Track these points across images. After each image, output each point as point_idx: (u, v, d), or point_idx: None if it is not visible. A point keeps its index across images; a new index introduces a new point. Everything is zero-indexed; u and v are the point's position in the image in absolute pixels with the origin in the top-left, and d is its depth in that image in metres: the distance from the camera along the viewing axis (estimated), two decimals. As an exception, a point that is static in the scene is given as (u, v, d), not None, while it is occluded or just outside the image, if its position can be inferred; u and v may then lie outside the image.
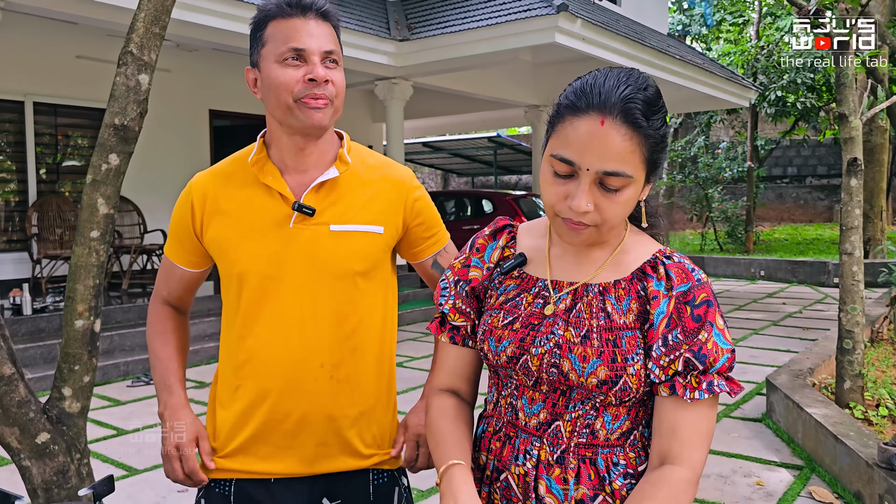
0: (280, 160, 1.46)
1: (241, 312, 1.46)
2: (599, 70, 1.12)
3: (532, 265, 1.25)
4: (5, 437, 2.64)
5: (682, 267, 1.14)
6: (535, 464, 1.17)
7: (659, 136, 1.09)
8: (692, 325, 1.10)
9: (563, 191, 1.10)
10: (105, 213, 2.68)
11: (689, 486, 1.09)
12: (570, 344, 1.14)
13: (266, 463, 1.46)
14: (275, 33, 1.39)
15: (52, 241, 8.09)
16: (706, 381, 1.09)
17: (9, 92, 7.96)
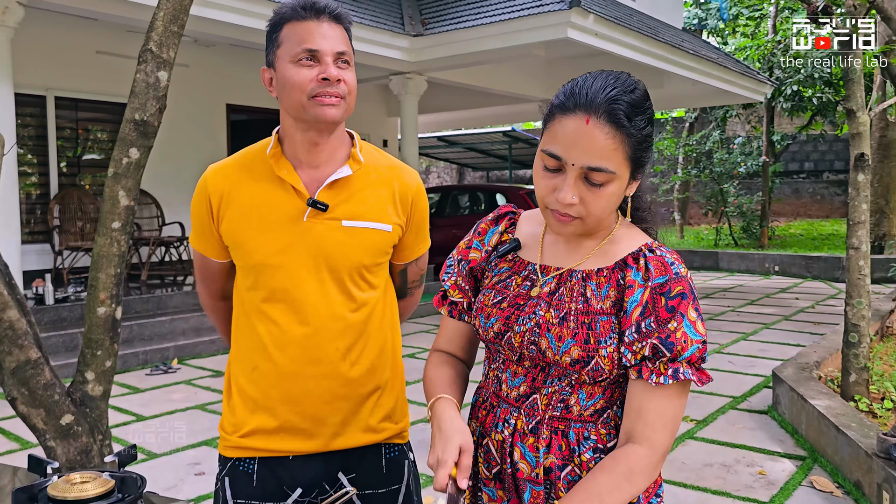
0: (293, 155, 1.54)
1: (257, 297, 1.55)
2: (591, 73, 1.21)
3: (526, 250, 1.35)
4: (32, 418, 2.77)
5: (661, 260, 1.22)
6: (512, 432, 1.27)
7: (641, 135, 1.17)
8: (665, 315, 1.17)
9: (551, 184, 1.19)
10: (126, 205, 2.80)
11: (647, 464, 1.16)
12: (548, 324, 1.23)
13: (285, 441, 1.56)
14: (290, 35, 1.47)
15: (74, 233, 8.26)
16: (672, 368, 1.16)
17: (31, 86, 8.12)
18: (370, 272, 1.58)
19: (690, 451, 4.19)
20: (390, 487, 1.62)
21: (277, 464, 1.57)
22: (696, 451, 4.19)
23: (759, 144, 16.63)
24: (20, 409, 2.69)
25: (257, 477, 1.57)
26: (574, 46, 8.23)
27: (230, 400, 1.61)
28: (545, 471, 1.24)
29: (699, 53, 10.11)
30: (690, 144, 16.72)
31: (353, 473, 1.59)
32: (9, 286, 2.67)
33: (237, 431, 1.58)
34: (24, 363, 2.65)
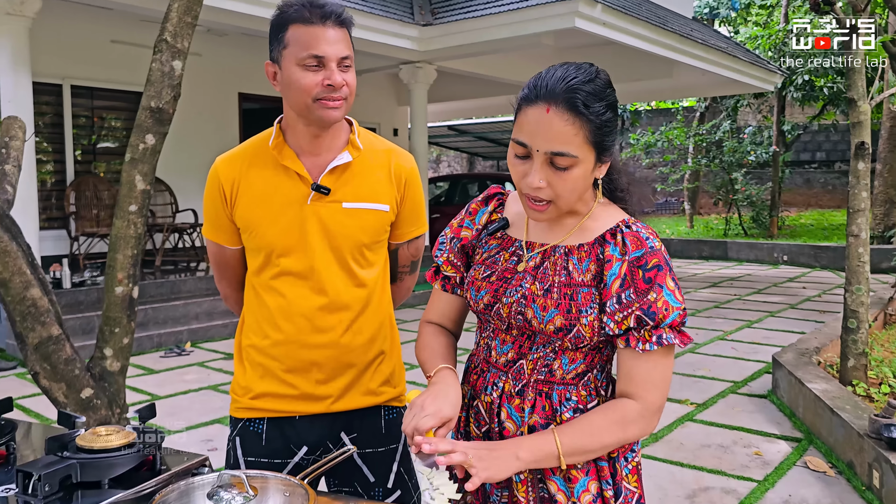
0: (296, 144, 1.66)
1: (268, 275, 1.68)
2: (555, 65, 1.30)
3: (513, 228, 1.46)
4: (53, 391, 2.91)
5: (637, 235, 1.32)
6: (500, 394, 1.39)
7: (601, 121, 1.25)
8: (643, 286, 1.27)
9: (522, 170, 1.29)
10: (142, 189, 2.93)
11: (638, 416, 1.28)
12: (533, 296, 1.33)
13: (292, 403, 1.69)
14: (296, 38, 1.54)
15: (89, 219, 8.43)
16: (657, 334, 1.27)
17: (48, 75, 8.27)
18: (370, 250, 1.70)
19: (689, 433, 4.29)
20: (388, 447, 1.76)
21: (285, 424, 1.69)
22: (694, 433, 4.29)
23: (769, 134, 16.59)
24: (42, 382, 2.83)
25: (266, 436, 1.69)
26: (583, 36, 8.29)
27: (241, 365, 1.74)
28: (529, 429, 1.36)
29: (708, 43, 10.13)
30: (701, 134, 16.70)
31: (355, 433, 1.72)
32: (31, 266, 2.80)
33: (247, 394, 1.71)
34: (47, 339, 2.79)
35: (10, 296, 2.75)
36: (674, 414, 4.63)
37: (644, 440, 4.13)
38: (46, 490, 1.16)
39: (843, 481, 3.57)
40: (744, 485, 3.55)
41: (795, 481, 3.59)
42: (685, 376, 5.56)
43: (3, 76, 6.33)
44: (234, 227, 1.69)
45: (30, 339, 2.83)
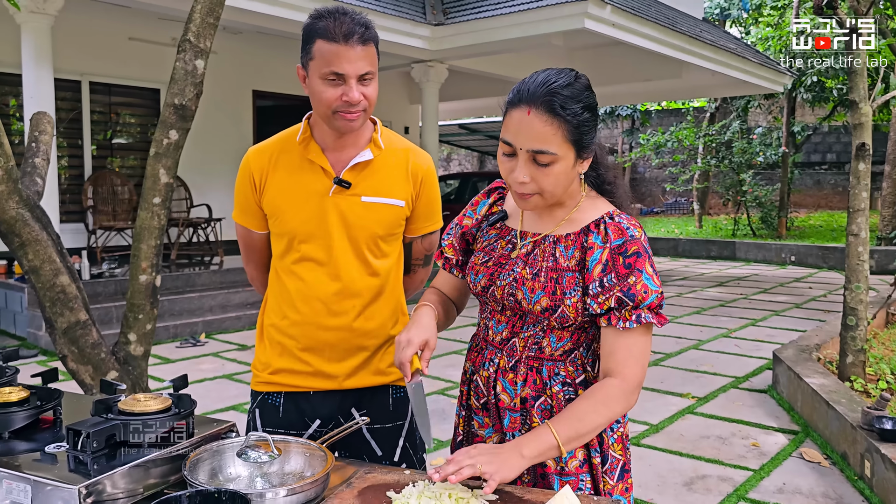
0: (322, 140, 1.80)
1: (289, 259, 1.82)
2: (539, 70, 1.44)
3: (511, 219, 1.61)
4: (80, 374, 3.07)
5: (619, 226, 1.46)
6: (496, 369, 1.54)
7: (578, 121, 1.38)
8: (623, 271, 1.42)
9: (509, 166, 1.43)
10: (166, 182, 3.08)
11: (620, 392, 1.41)
12: (523, 279, 1.49)
13: (307, 380, 1.83)
14: (320, 52, 1.64)
15: (106, 213, 8.62)
16: (636, 314, 1.41)
17: (67, 72, 8.46)
18: (385, 242, 1.83)
19: (689, 425, 4.41)
20: (395, 423, 1.90)
21: (300, 398, 1.84)
22: (694, 425, 4.41)
23: (779, 135, 16.63)
24: (70, 365, 2.98)
25: (283, 409, 1.85)
26: (592, 36, 8.40)
27: (262, 343, 1.90)
28: (522, 401, 1.51)
29: (717, 44, 10.21)
30: (710, 134, 16.76)
31: (364, 410, 1.86)
32: (60, 255, 2.95)
33: (266, 369, 1.86)
34: (75, 324, 2.94)
35: (40, 282, 2.89)
36: (675, 407, 4.76)
37: (644, 431, 4.26)
38: (94, 446, 1.30)
39: (837, 471, 3.68)
40: (740, 473, 3.67)
41: (790, 471, 3.70)
42: (688, 371, 5.68)
43: (26, 72, 6.51)
44: (262, 213, 1.84)
45: (58, 324, 2.98)
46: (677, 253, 14.98)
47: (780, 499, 3.39)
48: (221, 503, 1.22)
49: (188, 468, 1.32)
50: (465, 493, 1.30)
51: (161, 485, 1.35)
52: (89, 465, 1.28)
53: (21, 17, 6.41)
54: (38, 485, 1.23)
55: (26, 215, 2.79)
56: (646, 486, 3.48)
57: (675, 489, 3.49)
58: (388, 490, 1.33)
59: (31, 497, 1.24)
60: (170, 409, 1.45)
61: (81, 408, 1.63)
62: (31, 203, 2.83)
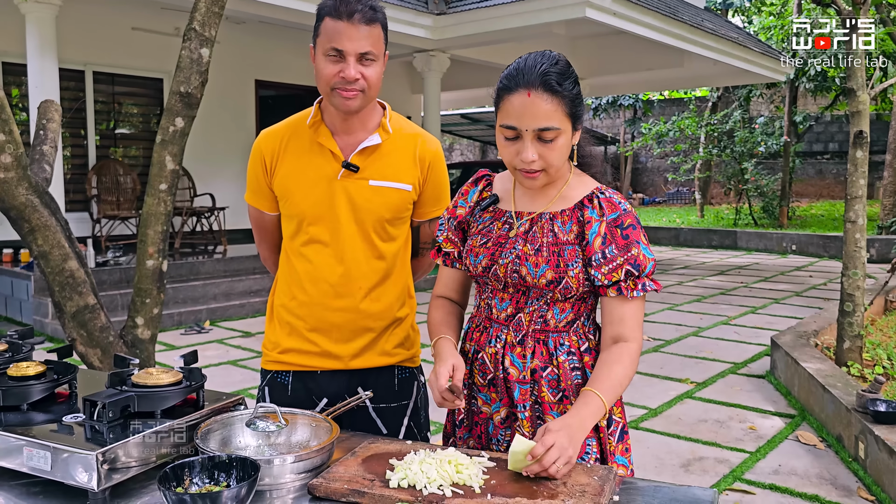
0: (331, 124, 1.84)
1: (298, 241, 1.87)
2: (521, 56, 1.52)
3: (503, 202, 1.67)
4: (89, 357, 3.13)
5: (611, 200, 1.56)
6: (503, 345, 1.60)
7: (573, 94, 1.49)
8: (622, 242, 1.52)
9: (514, 149, 1.50)
10: (172, 169, 3.13)
11: (637, 354, 1.55)
12: (526, 255, 1.55)
13: (314, 359, 1.88)
14: (325, 29, 1.70)
15: (110, 202, 8.67)
16: (641, 283, 1.52)
17: (71, 62, 8.50)
18: (392, 225, 1.88)
19: (687, 409, 4.48)
20: (400, 402, 1.94)
21: (308, 377, 1.89)
22: (692, 409, 4.48)
23: (781, 124, 16.63)
24: (79, 349, 3.04)
25: (291, 387, 1.90)
26: (594, 25, 8.42)
27: (271, 323, 1.95)
28: (531, 372, 1.57)
29: (719, 33, 10.21)
30: (712, 124, 16.77)
31: (370, 389, 1.90)
32: (69, 240, 3.01)
33: (276, 349, 1.91)
34: (83, 308, 3.00)
35: (49, 267, 2.95)
36: (673, 391, 4.82)
37: (643, 414, 4.33)
38: (110, 416, 1.36)
39: (832, 454, 3.75)
40: (736, 455, 3.73)
41: (786, 453, 3.77)
42: (687, 357, 5.75)
43: (30, 62, 6.56)
44: (273, 195, 1.89)
45: (67, 308, 3.04)
46: (679, 242, 15.02)
47: (776, 480, 3.45)
48: (233, 468, 1.28)
49: (199, 437, 1.38)
50: (464, 459, 1.36)
51: (173, 454, 1.40)
52: (105, 433, 1.34)
53: (26, 7, 6.45)
54: (57, 451, 1.29)
55: (35, 201, 2.85)
56: (644, 468, 3.55)
57: (672, 470, 3.55)
58: (391, 458, 1.39)
59: (50, 463, 1.30)
60: (181, 382, 1.51)
61: (96, 382, 1.70)
62: (40, 189, 2.89)
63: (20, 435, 1.34)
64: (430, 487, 1.28)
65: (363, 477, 1.33)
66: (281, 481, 1.33)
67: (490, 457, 1.41)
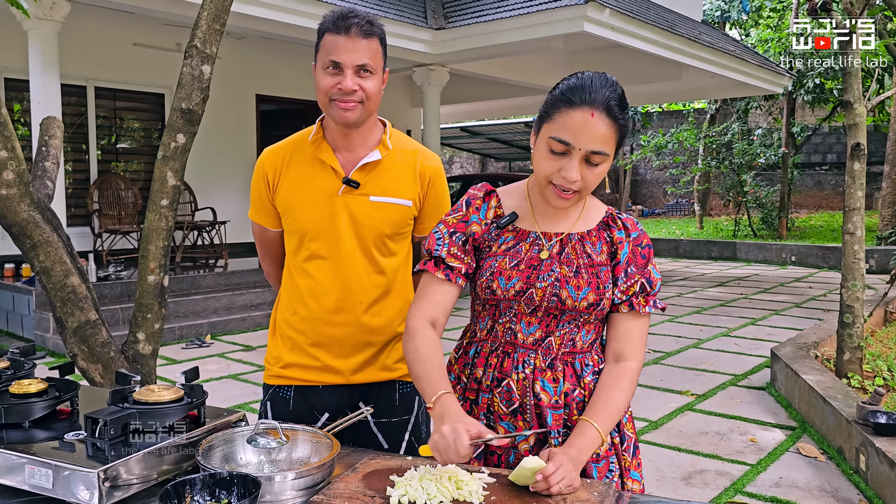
0: (332, 141, 1.87)
1: (300, 258, 1.89)
2: (584, 73, 1.51)
3: (521, 221, 1.63)
4: (90, 372, 3.14)
5: (631, 220, 1.62)
6: (532, 370, 1.56)
7: (626, 125, 1.50)
8: (641, 261, 1.57)
9: (557, 165, 1.48)
10: (173, 185, 3.15)
11: (636, 374, 1.56)
12: (566, 278, 1.54)
13: (316, 374, 1.90)
14: (324, 44, 1.74)
15: (112, 217, 8.70)
16: (652, 300, 1.57)
17: (73, 77, 8.54)
18: (392, 241, 1.89)
19: (688, 421, 4.47)
20: (402, 417, 1.95)
21: (310, 392, 1.90)
22: (693, 421, 4.47)
23: (779, 136, 16.68)
24: (80, 364, 3.05)
25: (293, 402, 1.91)
26: (592, 39, 8.46)
27: (274, 338, 1.96)
28: (563, 396, 1.56)
29: (716, 46, 10.27)
30: (711, 136, 16.82)
31: (371, 404, 1.91)
32: (70, 256, 3.02)
33: (278, 363, 1.93)
34: (85, 323, 3.01)
35: (51, 283, 2.97)
36: (674, 404, 4.82)
37: (644, 427, 4.32)
38: (111, 434, 1.37)
39: (833, 466, 3.74)
40: (737, 468, 3.73)
41: (787, 465, 3.76)
42: (687, 369, 5.75)
43: (33, 77, 6.60)
44: (276, 212, 1.91)
45: (69, 323, 3.04)
46: (678, 254, 15.04)
47: (777, 492, 3.45)
48: (234, 485, 1.29)
49: (201, 454, 1.39)
50: (465, 475, 1.36)
51: (174, 471, 1.41)
52: (106, 451, 1.34)
53: (28, 23, 6.49)
54: (59, 469, 1.30)
55: (37, 217, 2.86)
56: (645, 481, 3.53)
57: (673, 483, 3.55)
58: (392, 474, 1.40)
59: (52, 481, 1.30)
60: (182, 399, 1.52)
61: (97, 399, 1.70)
62: (42, 205, 2.91)
63: (22, 453, 1.34)
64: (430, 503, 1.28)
65: (363, 493, 1.33)
66: (282, 498, 1.34)
67: (490, 472, 1.42)
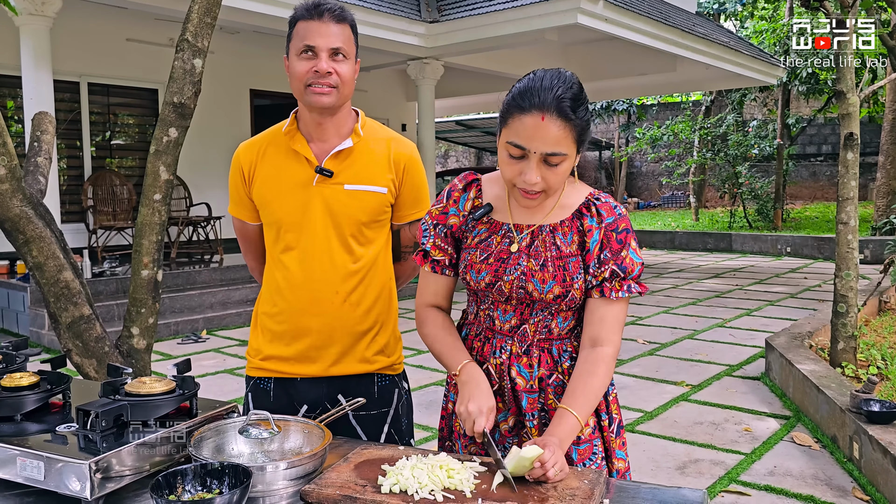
0: (306, 131, 1.87)
1: (277, 249, 1.90)
2: (535, 72, 1.51)
3: (498, 212, 1.64)
4: (84, 367, 3.14)
5: (608, 205, 1.57)
6: (509, 356, 1.60)
7: (584, 122, 1.48)
8: (616, 246, 1.54)
9: (517, 168, 1.49)
10: (166, 179, 3.14)
11: (613, 359, 1.56)
12: (532, 271, 1.55)
13: (295, 366, 1.90)
14: (297, 32, 1.77)
15: (106, 213, 8.68)
16: (626, 284, 1.54)
17: (66, 73, 8.52)
18: (369, 228, 1.89)
19: (683, 412, 4.49)
20: (380, 410, 1.94)
21: (289, 384, 1.91)
22: (688, 412, 4.49)
23: (774, 127, 16.70)
24: (74, 359, 3.05)
25: (273, 394, 1.92)
26: (586, 31, 8.46)
27: (255, 330, 1.97)
28: (538, 381, 1.59)
29: (711, 37, 10.27)
30: (706, 127, 16.84)
31: (350, 397, 1.90)
32: (64, 251, 3.02)
33: (258, 356, 1.94)
34: (79, 318, 3.01)
35: (44, 278, 2.96)
36: (669, 395, 4.83)
37: (639, 417, 4.34)
38: (103, 426, 1.37)
39: (827, 454, 3.76)
40: (732, 457, 3.75)
41: (781, 454, 3.78)
42: (682, 360, 5.76)
43: (25, 74, 6.57)
44: (253, 205, 1.92)
45: (63, 319, 3.04)
46: (674, 246, 15.05)
47: (771, 481, 3.46)
48: (225, 475, 1.29)
49: (193, 445, 1.39)
50: (456, 464, 1.37)
51: (166, 462, 1.41)
52: (98, 443, 1.34)
53: (20, 19, 6.46)
54: (51, 461, 1.30)
55: (30, 213, 2.86)
56: (639, 471, 3.56)
57: (668, 473, 3.57)
58: (384, 464, 1.40)
59: (44, 472, 1.31)
60: (174, 390, 1.52)
61: (89, 392, 1.70)
62: (34, 201, 2.90)
63: (14, 445, 1.35)
64: (421, 492, 1.29)
65: (355, 483, 1.34)
66: (274, 488, 1.34)
67: (481, 461, 1.42)
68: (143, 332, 3.20)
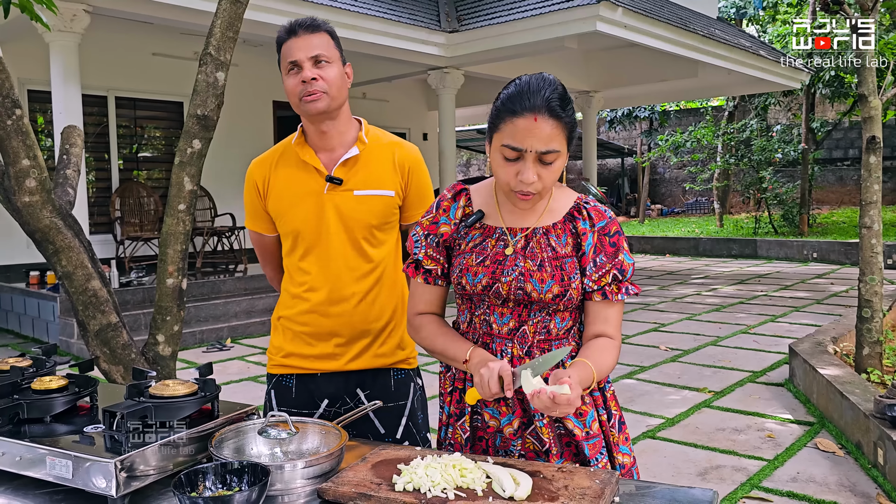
0: (313, 143, 1.99)
1: (295, 256, 2.00)
2: (521, 78, 1.57)
3: (489, 218, 1.69)
4: (112, 373, 3.21)
5: (597, 209, 1.64)
6: (510, 359, 1.63)
7: (572, 119, 1.55)
8: (610, 249, 1.61)
9: (513, 170, 1.54)
10: (190, 189, 3.21)
11: (618, 350, 1.62)
12: (530, 272, 1.59)
13: (315, 363, 2.00)
14: (283, 53, 1.91)
15: (133, 224, 8.84)
16: (624, 287, 1.61)
17: (94, 87, 8.71)
18: (380, 230, 1.99)
19: (705, 418, 4.47)
20: (397, 403, 2.03)
21: (309, 380, 2.00)
22: (710, 418, 4.47)
23: (799, 132, 16.53)
24: (102, 366, 3.13)
25: (295, 390, 2.01)
26: (605, 39, 8.48)
27: (276, 330, 2.07)
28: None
29: (732, 42, 10.23)
30: (729, 133, 16.71)
31: (368, 390, 2.01)
32: (92, 261, 3.10)
33: (279, 353, 2.03)
34: (106, 326, 3.09)
35: (73, 287, 3.05)
36: (690, 401, 4.81)
37: (660, 424, 4.34)
38: (128, 426, 1.42)
39: (851, 461, 3.73)
40: (754, 463, 3.73)
41: (805, 461, 3.75)
42: (705, 367, 5.73)
43: (55, 89, 6.74)
44: (269, 217, 2.03)
45: (91, 326, 3.12)
46: (698, 252, 14.95)
47: (794, 487, 3.44)
48: (244, 473, 1.33)
49: (214, 446, 1.44)
50: (469, 463, 1.40)
51: (189, 462, 1.46)
52: (123, 443, 1.40)
53: (49, 35, 6.63)
54: (79, 460, 1.35)
55: (59, 223, 2.94)
56: (660, 477, 3.55)
57: (689, 479, 3.56)
58: (400, 463, 1.44)
59: (72, 471, 1.36)
60: (196, 393, 1.57)
61: (115, 395, 1.76)
62: (63, 212, 2.99)
63: (44, 445, 1.40)
64: (433, 491, 1.32)
65: (371, 481, 1.37)
66: (292, 486, 1.38)
67: (494, 461, 1.45)
68: (169, 339, 3.28)
